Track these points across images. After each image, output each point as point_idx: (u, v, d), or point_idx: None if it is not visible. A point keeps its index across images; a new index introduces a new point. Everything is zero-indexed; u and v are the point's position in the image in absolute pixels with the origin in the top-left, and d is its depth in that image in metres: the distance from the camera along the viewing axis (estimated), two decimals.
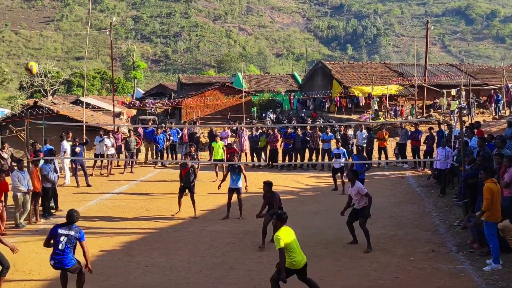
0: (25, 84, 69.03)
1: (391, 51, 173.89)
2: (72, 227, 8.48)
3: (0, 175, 12.98)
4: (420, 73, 39.34)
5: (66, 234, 8.37)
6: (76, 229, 8.48)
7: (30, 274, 10.05)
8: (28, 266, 10.40)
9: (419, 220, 13.64)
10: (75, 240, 8.42)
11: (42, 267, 10.35)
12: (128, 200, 16.66)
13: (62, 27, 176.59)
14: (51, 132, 21.42)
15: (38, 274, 10.01)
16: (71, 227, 8.46)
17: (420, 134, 21.74)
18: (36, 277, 9.83)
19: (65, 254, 8.37)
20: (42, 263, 10.57)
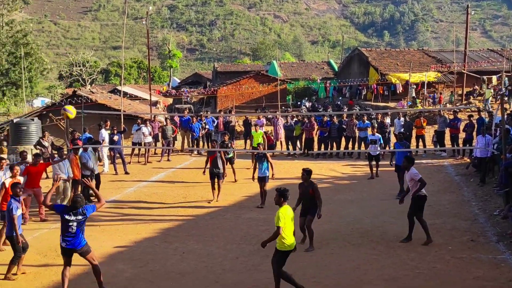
0: (64, 74, 70.52)
1: (430, 37, 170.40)
2: (78, 211, 8.50)
3: (37, 159, 13.38)
4: (460, 59, 38.43)
5: (74, 220, 8.46)
6: (83, 212, 8.51)
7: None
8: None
9: (458, 209, 13.39)
10: (84, 221, 8.57)
11: None
12: (165, 188, 16.89)
13: (100, 17, 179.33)
14: (90, 121, 21.83)
15: (79, 259, 10.25)
16: (77, 212, 8.49)
17: (459, 121, 21.27)
18: (76, 262, 10.06)
19: (76, 236, 8.49)
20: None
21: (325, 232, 11.70)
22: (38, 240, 11.60)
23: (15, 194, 9.80)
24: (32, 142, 21.64)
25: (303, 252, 10.38)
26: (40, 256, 10.54)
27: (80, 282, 9.21)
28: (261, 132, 20.13)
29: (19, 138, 23.85)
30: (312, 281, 8.91)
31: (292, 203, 9.28)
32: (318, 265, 9.67)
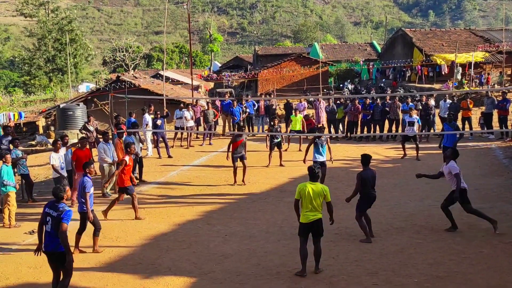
0: (108, 59, 71.82)
1: (477, 16, 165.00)
2: (58, 206, 7.47)
3: (83, 142, 13.75)
4: (509, 38, 37.07)
5: (50, 214, 7.46)
6: (61, 209, 7.41)
7: (117, 240, 10.58)
8: (115, 234, 10.94)
9: (506, 193, 13.01)
10: (59, 221, 7.30)
11: (127, 234, 10.87)
12: (207, 171, 17.05)
13: (142, 2, 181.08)
14: (133, 106, 22.15)
15: (124, 241, 10.51)
16: (57, 206, 7.46)
17: (508, 103, 20.57)
18: (122, 244, 10.32)
19: (52, 236, 7.40)
20: (128, 230, 11.11)
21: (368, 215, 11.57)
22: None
23: (89, 172, 10.13)
24: (78, 127, 22.24)
25: (345, 235, 10.32)
26: (87, 237, 10.78)
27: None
28: (301, 116, 19.98)
29: (66, 123, 24.52)
30: (355, 264, 8.86)
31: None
32: (361, 249, 9.60)
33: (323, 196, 8.50)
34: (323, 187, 8.59)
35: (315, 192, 8.44)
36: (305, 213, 8.47)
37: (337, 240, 10.14)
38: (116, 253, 9.91)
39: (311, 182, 8.58)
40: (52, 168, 13.36)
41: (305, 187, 8.49)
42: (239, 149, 15.18)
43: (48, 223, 7.42)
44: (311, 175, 8.66)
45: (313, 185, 8.53)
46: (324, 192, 8.52)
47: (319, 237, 8.59)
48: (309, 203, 8.42)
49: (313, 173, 8.64)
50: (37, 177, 17.57)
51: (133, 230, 11.02)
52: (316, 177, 8.65)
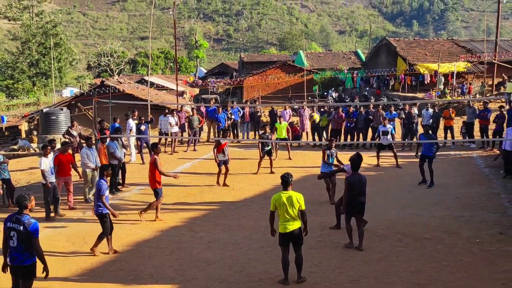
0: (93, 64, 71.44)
1: (459, 26, 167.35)
2: (22, 219, 6.95)
3: (65, 147, 13.70)
4: (490, 49, 37.64)
5: (14, 229, 6.94)
6: (27, 222, 6.91)
7: (99, 247, 10.47)
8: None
9: (487, 201, 13.17)
10: (26, 236, 6.88)
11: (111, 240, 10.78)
12: (191, 178, 17.00)
13: (127, 7, 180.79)
14: (117, 111, 22.10)
15: (106, 247, 10.43)
16: (21, 220, 6.94)
17: (489, 113, 20.87)
18: (104, 250, 10.24)
19: (18, 251, 6.95)
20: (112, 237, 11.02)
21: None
22: (67, 227, 11.83)
23: (106, 174, 10.41)
24: (61, 132, 22.05)
25: (329, 243, 10.37)
26: (69, 243, 10.75)
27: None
28: (285, 124, 20.01)
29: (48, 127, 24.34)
30: (338, 271, 8.90)
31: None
32: (344, 256, 9.64)
33: (298, 205, 8.36)
34: (296, 196, 8.42)
35: (289, 201, 8.33)
36: (283, 223, 8.36)
37: (320, 247, 10.17)
38: (98, 259, 9.84)
39: (284, 192, 8.44)
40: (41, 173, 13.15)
41: (280, 197, 8.37)
42: (224, 152, 15.57)
43: (13, 238, 6.92)
44: (284, 183, 8.51)
45: (287, 194, 8.41)
46: (298, 200, 8.37)
47: (299, 246, 8.50)
48: (285, 213, 8.31)
49: (286, 181, 8.49)
50: (18, 182, 17.40)
51: (115, 237, 10.93)
52: (288, 185, 8.47)
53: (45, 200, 12.78)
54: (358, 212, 9.95)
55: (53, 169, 13.09)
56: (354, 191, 9.85)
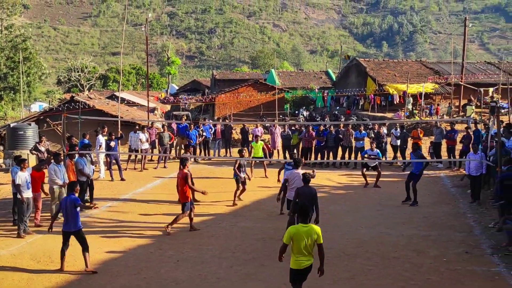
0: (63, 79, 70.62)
1: (428, 48, 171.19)
2: None
3: (42, 165, 13.52)
4: (457, 71, 38.58)
5: None
6: None
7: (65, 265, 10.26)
8: None
9: (453, 221, 13.40)
10: None
11: (76, 259, 10.55)
12: (161, 195, 16.84)
13: (99, 23, 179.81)
14: (87, 127, 21.81)
15: (73, 266, 10.22)
16: None
17: (456, 133, 21.34)
18: (70, 269, 10.04)
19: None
20: (76, 255, 10.77)
21: None
22: (32, 245, 11.56)
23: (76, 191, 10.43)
24: (28, 147, 21.63)
25: None
26: (34, 261, 10.49)
27: None
28: (262, 143, 20.07)
29: (16, 142, 23.81)
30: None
31: None
32: (313, 275, 9.63)
33: (315, 238, 7.67)
34: (315, 229, 7.72)
35: (308, 234, 7.61)
36: (298, 259, 7.65)
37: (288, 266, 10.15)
38: (63, 278, 9.63)
39: (303, 225, 7.70)
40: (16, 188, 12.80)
41: (297, 231, 7.62)
42: None
43: None
44: (303, 215, 7.80)
45: (306, 227, 7.68)
46: (316, 234, 7.67)
47: (303, 281, 7.98)
48: (302, 247, 7.59)
49: (306, 213, 7.81)
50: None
51: (82, 255, 10.73)
52: (308, 217, 7.84)
53: (19, 216, 12.48)
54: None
55: (29, 183, 12.84)
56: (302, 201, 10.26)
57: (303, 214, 7.78)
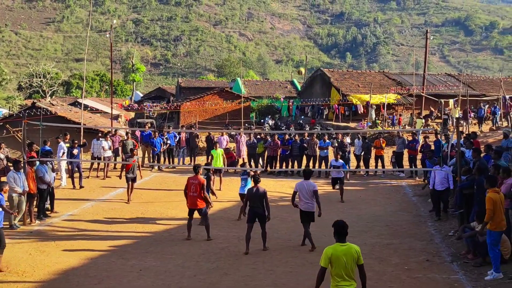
0: (24, 85, 69.04)
1: (390, 60, 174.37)
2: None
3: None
4: (419, 82, 39.45)
5: None
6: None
7: (23, 275, 10.01)
8: (22, 268, 10.35)
9: (415, 229, 13.64)
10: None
11: (35, 269, 10.32)
12: (123, 204, 16.62)
13: (63, 28, 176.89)
14: (49, 133, 21.38)
15: (31, 276, 9.98)
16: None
17: (417, 143, 21.79)
18: (29, 279, 9.79)
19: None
20: (36, 265, 10.55)
21: (284, 250, 11.75)
22: None
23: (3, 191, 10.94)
24: None
25: (263, 270, 10.37)
26: None
27: None
28: (221, 150, 19.76)
29: None
30: None
31: None
32: (277, 284, 9.67)
33: (357, 259, 6.81)
34: (355, 248, 6.85)
35: (348, 255, 6.74)
36: (339, 284, 6.73)
37: (254, 275, 10.15)
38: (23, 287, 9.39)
39: (341, 244, 6.81)
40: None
41: (336, 251, 6.73)
42: (133, 171, 16.78)
43: None
44: (340, 232, 6.88)
45: (344, 246, 6.80)
46: (357, 253, 6.82)
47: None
48: (343, 271, 6.70)
49: (343, 230, 6.88)
50: None
51: (41, 265, 10.49)
52: (345, 235, 6.89)
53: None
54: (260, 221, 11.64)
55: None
56: (252, 201, 11.67)
57: (339, 232, 6.87)
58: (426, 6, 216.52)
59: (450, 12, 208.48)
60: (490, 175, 10.54)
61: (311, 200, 11.76)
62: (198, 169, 13.11)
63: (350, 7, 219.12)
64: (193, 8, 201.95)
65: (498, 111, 32.97)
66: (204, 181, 12.88)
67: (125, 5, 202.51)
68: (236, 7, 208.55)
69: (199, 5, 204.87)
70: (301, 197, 11.91)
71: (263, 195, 11.57)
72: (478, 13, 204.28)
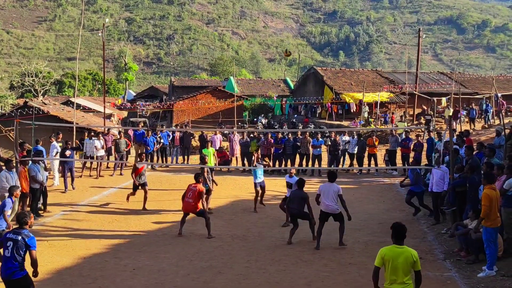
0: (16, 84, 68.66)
1: (383, 58, 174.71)
2: (22, 231, 7.59)
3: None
4: (411, 80, 39.53)
5: (12, 239, 7.53)
6: (26, 234, 7.56)
7: None
8: None
9: (407, 227, 13.52)
10: (24, 247, 7.50)
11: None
12: (116, 203, 16.58)
13: (55, 27, 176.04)
14: (41, 133, 21.27)
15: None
16: (20, 232, 7.58)
17: (410, 141, 21.85)
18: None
19: (11, 261, 7.48)
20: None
21: (277, 248, 11.76)
22: None
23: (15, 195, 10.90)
24: None
25: (256, 269, 10.38)
26: None
27: None
28: (213, 149, 19.66)
29: None
30: None
31: None
32: (270, 282, 9.68)
33: (413, 264, 6.55)
34: (412, 253, 6.60)
35: (404, 258, 6.51)
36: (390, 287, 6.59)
37: (247, 273, 10.16)
38: None
39: (398, 246, 6.62)
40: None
41: (392, 252, 6.56)
42: (142, 176, 15.97)
43: (9, 247, 7.48)
44: (398, 235, 6.68)
45: (401, 249, 6.60)
46: (414, 258, 6.55)
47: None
48: (395, 274, 6.51)
49: (402, 233, 6.67)
50: None
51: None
52: (403, 237, 6.69)
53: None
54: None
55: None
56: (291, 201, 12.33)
57: (397, 233, 6.68)
58: (418, 5, 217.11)
59: (443, 10, 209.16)
60: (488, 172, 10.52)
61: (334, 202, 11.77)
62: (199, 177, 13.17)
63: (343, 5, 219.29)
64: (186, 6, 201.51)
65: (490, 109, 33.12)
66: (203, 190, 12.94)
67: (117, 4, 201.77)
68: (229, 5, 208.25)
69: (192, 3, 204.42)
70: (323, 198, 11.87)
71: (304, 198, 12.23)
72: (470, 11, 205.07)
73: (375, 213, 15.26)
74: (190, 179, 16.97)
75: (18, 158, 14.22)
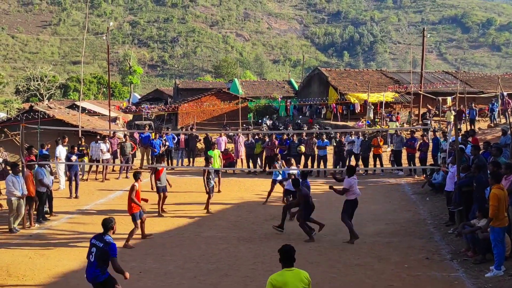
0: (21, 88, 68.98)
1: (388, 58, 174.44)
2: (104, 237, 7.90)
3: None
4: (416, 80, 39.44)
5: (96, 245, 7.86)
6: (107, 241, 7.82)
7: (23, 279, 10.00)
8: (22, 272, 10.34)
9: (414, 227, 13.64)
10: (104, 253, 7.75)
11: (35, 272, 10.31)
12: (123, 205, 16.56)
13: (59, 31, 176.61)
14: (47, 137, 21.37)
15: (32, 279, 9.97)
16: (103, 238, 7.89)
17: (415, 141, 21.78)
18: (29, 283, 9.78)
19: (93, 266, 7.82)
20: (36, 268, 10.54)
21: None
22: None
23: None
24: None
25: (262, 271, 10.37)
26: None
27: None
28: (218, 151, 19.69)
29: None
30: None
31: None
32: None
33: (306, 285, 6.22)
34: (304, 275, 6.24)
35: (299, 281, 6.15)
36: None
37: (254, 276, 10.15)
38: None
39: (288, 269, 6.18)
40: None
41: (283, 278, 6.08)
42: (162, 179, 15.49)
43: (93, 253, 7.81)
44: (286, 258, 6.23)
45: (291, 272, 6.18)
46: (306, 278, 6.24)
47: None
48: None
49: (290, 255, 6.24)
50: None
51: (42, 268, 10.49)
52: (293, 260, 6.26)
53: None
54: None
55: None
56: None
57: (286, 257, 6.25)
58: (422, 4, 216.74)
59: (447, 9, 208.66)
60: (495, 171, 10.45)
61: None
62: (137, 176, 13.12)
63: (347, 6, 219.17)
64: (190, 9, 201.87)
65: (496, 108, 32.98)
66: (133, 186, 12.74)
67: (121, 7, 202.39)
68: (233, 7, 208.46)
69: (196, 6, 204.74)
70: (356, 188, 12.74)
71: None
72: (475, 10, 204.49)
73: (381, 214, 15.22)
74: (195, 182, 17.08)
75: (25, 162, 14.28)
